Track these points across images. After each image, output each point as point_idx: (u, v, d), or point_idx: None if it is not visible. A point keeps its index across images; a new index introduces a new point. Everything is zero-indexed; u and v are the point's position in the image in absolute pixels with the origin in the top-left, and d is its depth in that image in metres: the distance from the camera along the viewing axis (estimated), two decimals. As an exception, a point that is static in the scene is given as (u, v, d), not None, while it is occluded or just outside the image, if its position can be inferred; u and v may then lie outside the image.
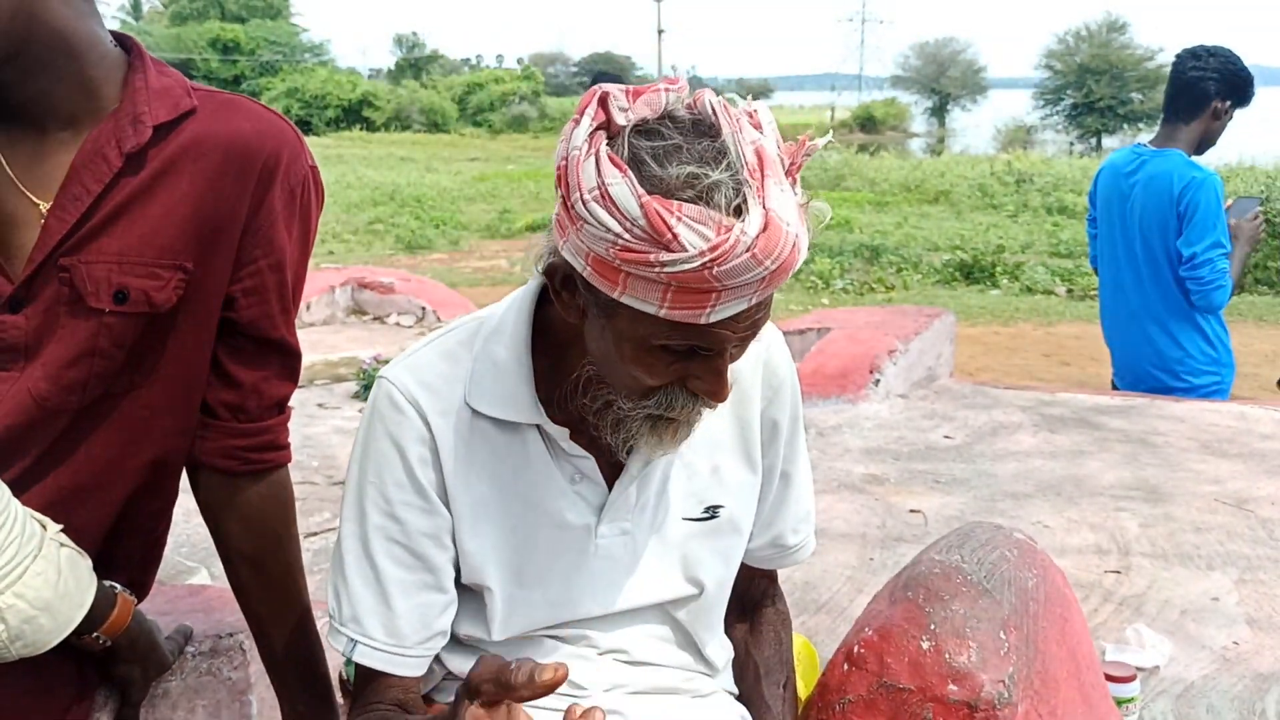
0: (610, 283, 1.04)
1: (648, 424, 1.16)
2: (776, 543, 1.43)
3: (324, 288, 6.51)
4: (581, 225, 1.02)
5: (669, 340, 1.07)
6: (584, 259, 1.04)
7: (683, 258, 0.98)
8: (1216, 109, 3.68)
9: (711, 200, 0.99)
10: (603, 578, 1.30)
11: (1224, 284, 3.62)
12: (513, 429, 1.24)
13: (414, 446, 1.22)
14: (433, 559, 1.25)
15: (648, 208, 0.98)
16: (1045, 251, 13.17)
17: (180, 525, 1.57)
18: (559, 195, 1.06)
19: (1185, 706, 2.13)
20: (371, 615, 1.24)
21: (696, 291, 1.01)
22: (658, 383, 1.12)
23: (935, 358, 4.59)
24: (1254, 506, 3.18)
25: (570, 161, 1.03)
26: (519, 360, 1.23)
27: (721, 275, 0.99)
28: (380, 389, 1.24)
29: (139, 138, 1.26)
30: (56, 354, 1.27)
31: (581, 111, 1.05)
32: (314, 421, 4.38)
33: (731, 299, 1.02)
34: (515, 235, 15.25)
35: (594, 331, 1.13)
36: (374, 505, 1.24)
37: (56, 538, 1.24)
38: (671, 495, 1.31)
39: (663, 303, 1.02)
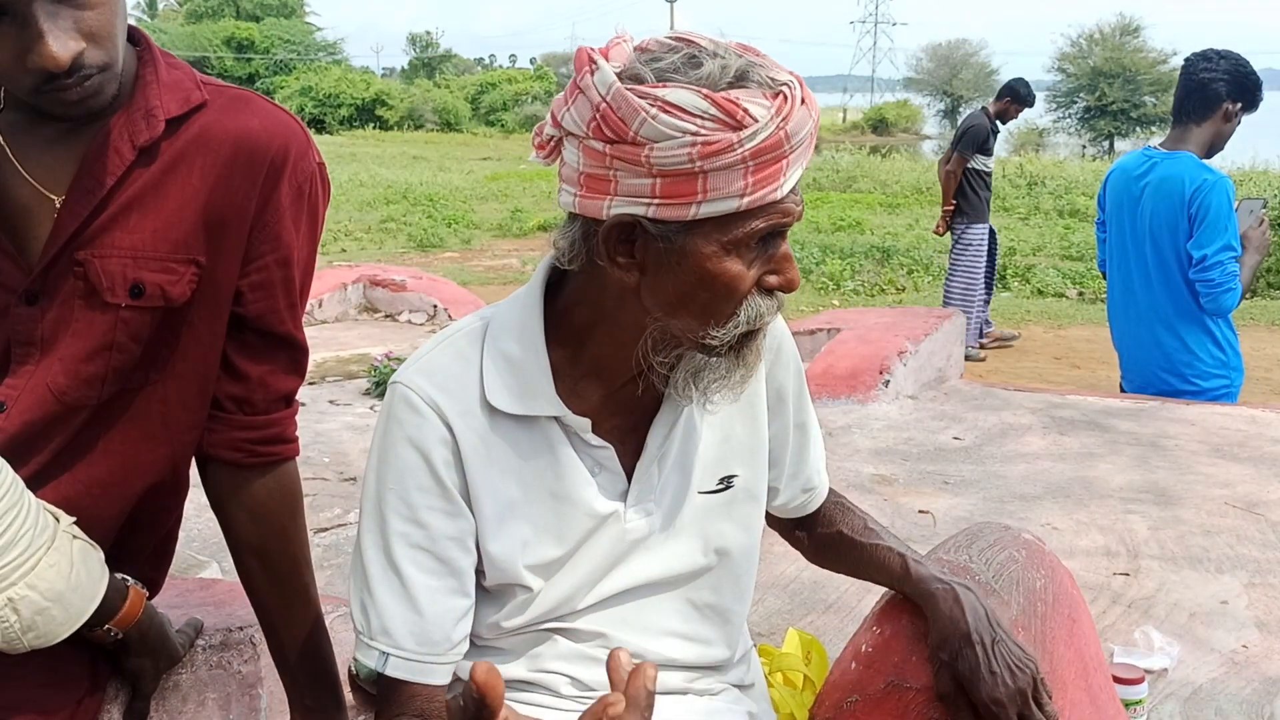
0: (686, 198, 1.09)
1: (733, 355, 1.19)
2: (805, 488, 1.49)
3: (336, 285, 6.53)
4: (649, 149, 1.07)
5: (750, 229, 1.12)
6: (649, 194, 1.09)
7: (758, 128, 1.07)
8: (1227, 111, 3.67)
9: (748, 80, 1.09)
10: (634, 560, 1.31)
11: (1234, 287, 3.61)
12: (531, 424, 1.24)
13: (437, 449, 1.21)
14: (457, 563, 1.24)
15: (711, 98, 1.06)
16: (1057, 254, 13.13)
17: (191, 519, 1.58)
18: (599, 152, 1.10)
19: (1193, 709, 2.12)
20: (401, 625, 1.23)
21: (772, 161, 1.09)
22: (744, 289, 1.15)
23: (945, 359, 4.59)
24: (1264, 510, 3.17)
25: (613, 99, 1.08)
26: (536, 353, 1.23)
27: (791, 133, 1.09)
28: (396, 394, 1.23)
29: (151, 131, 1.26)
30: (74, 348, 1.28)
31: (581, 70, 1.11)
32: (325, 418, 4.39)
33: (796, 161, 1.11)
34: (527, 234, 15.26)
35: (661, 280, 1.15)
36: (395, 512, 1.22)
37: (69, 530, 1.25)
38: (687, 471, 1.32)
39: (745, 188, 1.09)
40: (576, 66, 1.11)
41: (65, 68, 1.15)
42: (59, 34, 1.14)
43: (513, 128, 45.42)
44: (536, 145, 1.21)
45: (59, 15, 1.15)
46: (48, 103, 1.19)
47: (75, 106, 1.20)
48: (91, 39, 1.17)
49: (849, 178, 20.96)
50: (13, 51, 1.15)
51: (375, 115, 46.55)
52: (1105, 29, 46.01)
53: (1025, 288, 11.25)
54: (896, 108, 53.43)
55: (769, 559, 2.84)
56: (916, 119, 53.05)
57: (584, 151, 1.12)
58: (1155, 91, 42.37)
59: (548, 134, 1.18)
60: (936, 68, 57.36)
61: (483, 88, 49.84)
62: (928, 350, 4.41)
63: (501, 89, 48.74)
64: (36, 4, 1.13)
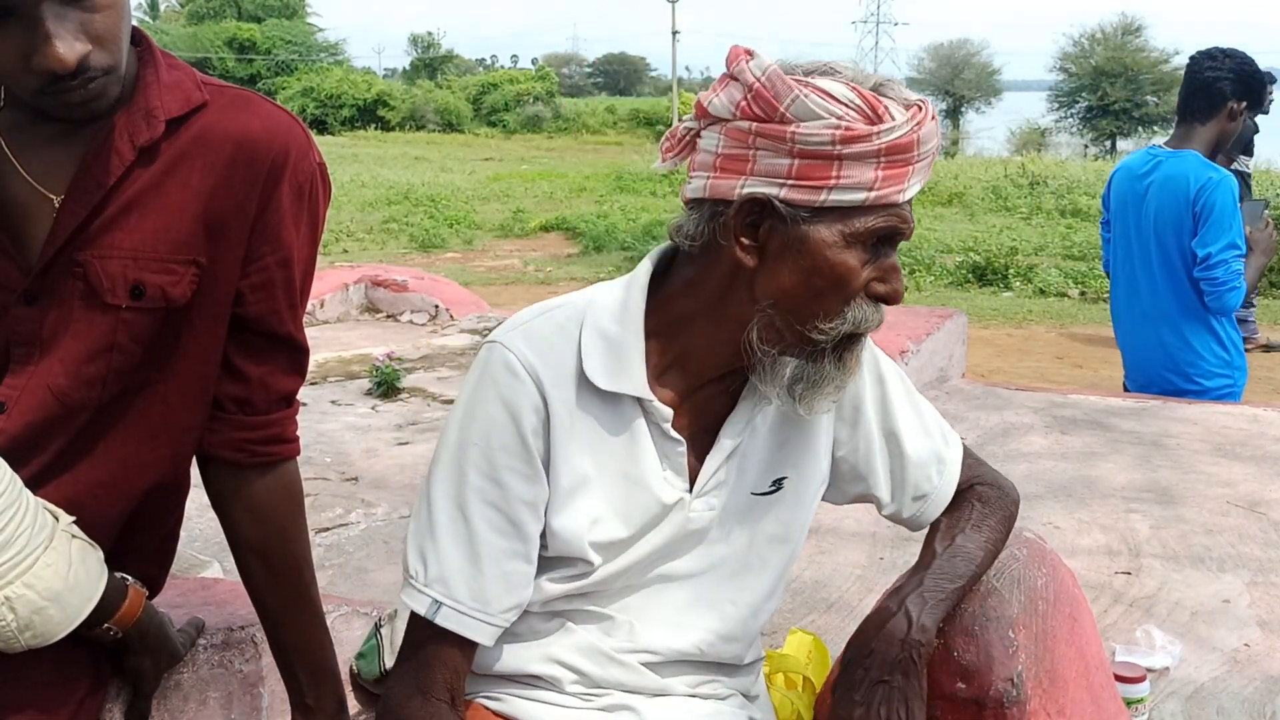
0: (820, 182, 1.16)
1: (835, 357, 1.23)
2: (916, 495, 1.44)
3: (338, 285, 6.53)
4: (794, 128, 1.15)
5: (869, 226, 1.18)
6: (785, 174, 1.16)
7: (895, 125, 1.15)
8: (1232, 110, 3.66)
9: (885, 91, 1.19)
10: (687, 552, 1.33)
11: (1238, 285, 3.60)
12: (617, 405, 1.27)
13: (528, 415, 1.23)
14: (527, 528, 1.25)
15: (858, 90, 1.16)
16: (1059, 254, 13.12)
17: (193, 519, 1.58)
18: (744, 131, 1.17)
19: (1195, 708, 2.12)
20: (459, 577, 1.23)
21: (901, 162, 1.17)
22: (854, 285, 1.20)
23: (947, 358, 4.58)
24: (1266, 509, 3.16)
25: (768, 79, 1.16)
26: (635, 335, 1.26)
27: (922, 139, 1.17)
28: (494, 354, 1.24)
29: (152, 132, 1.26)
30: (74, 349, 1.28)
31: (737, 58, 1.18)
32: (327, 418, 4.40)
33: (920, 170, 1.19)
34: (529, 235, 15.26)
35: (778, 266, 1.20)
36: (476, 468, 1.23)
37: (68, 529, 1.25)
38: (746, 472, 1.34)
39: (875, 181, 1.16)
40: (730, 59, 1.19)
41: (72, 70, 1.15)
42: (65, 36, 1.14)
43: (514, 128, 45.43)
44: (666, 148, 1.27)
45: (66, 17, 1.15)
46: (51, 104, 1.19)
47: (79, 108, 1.20)
48: (97, 41, 1.17)
49: (851, 178, 20.92)
50: (18, 52, 1.15)
51: (377, 116, 46.57)
52: (1107, 28, 45.95)
53: (1028, 287, 11.25)
54: (899, 108, 53.28)
55: (771, 558, 2.84)
56: (919, 119, 52.89)
57: (726, 134, 1.19)
58: (1157, 91, 42.29)
59: (685, 127, 1.25)
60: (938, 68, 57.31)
61: (484, 88, 49.83)
62: (929, 350, 4.41)
63: (503, 89, 48.72)
64: (44, 5, 1.13)
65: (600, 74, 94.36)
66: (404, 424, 4.37)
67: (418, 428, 4.30)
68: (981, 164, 23.85)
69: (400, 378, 4.86)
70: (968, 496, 1.46)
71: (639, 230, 14.40)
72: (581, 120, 45.98)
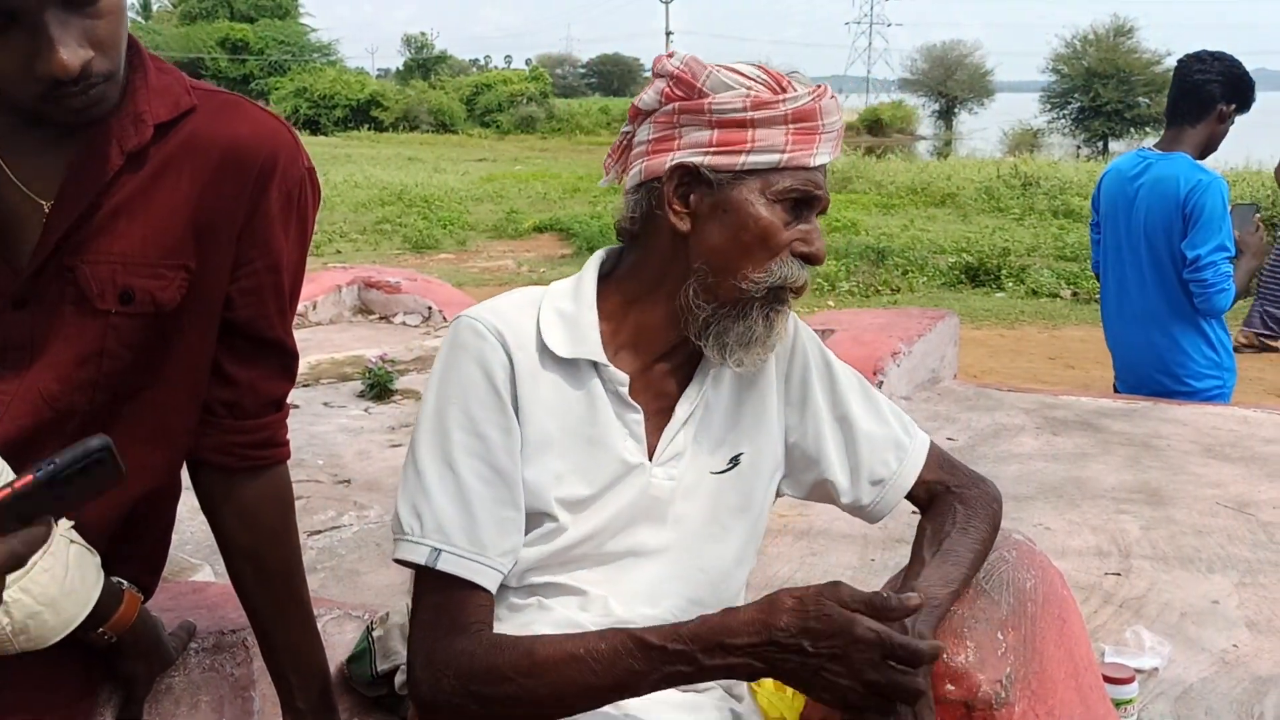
0: (738, 146, 1.30)
1: (763, 310, 1.34)
2: (873, 480, 1.49)
3: (330, 287, 6.52)
4: (710, 100, 1.30)
5: (785, 190, 1.32)
6: (708, 143, 1.31)
7: (798, 95, 1.31)
8: (1221, 112, 3.68)
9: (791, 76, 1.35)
10: (652, 524, 1.38)
11: (1227, 288, 3.62)
12: (576, 372, 1.36)
13: (498, 370, 1.32)
14: (511, 475, 1.32)
15: (763, 69, 1.34)
16: (1051, 255, 13.14)
17: (184, 522, 1.58)
18: (669, 113, 1.33)
19: (1184, 709, 2.13)
20: (455, 525, 1.29)
21: (808, 130, 1.31)
22: (777, 239, 1.32)
23: (939, 359, 4.59)
24: (1255, 510, 3.18)
25: (687, 66, 1.33)
26: (589, 310, 1.38)
27: (824, 110, 1.32)
28: (462, 324, 1.34)
29: (140, 137, 1.26)
30: (65, 354, 1.27)
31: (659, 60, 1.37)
32: (319, 420, 4.39)
33: (827, 141, 1.33)
34: (522, 236, 15.25)
35: (709, 227, 1.33)
36: (456, 424, 1.31)
37: (67, 534, 1.25)
38: (703, 452, 1.42)
39: (785, 144, 1.30)
40: (654, 63, 1.38)
41: (75, 76, 1.15)
42: (69, 42, 1.14)
43: (508, 129, 45.40)
44: (608, 162, 1.44)
45: (69, 24, 1.15)
46: (52, 110, 1.19)
47: (79, 114, 1.20)
48: (99, 47, 1.17)
49: (844, 178, 20.96)
50: (20, 58, 1.14)
51: (370, 116, 46.51)
52: (1099, 30, 46.02)
53: (1020, 288, 11.26)
54: (891, 109, 53.47)
55: (762, 560, 2.84)
56: (911, 120, 53.07)
57: (654, 122, 1.35)
58: (1149, 92, 42.36)
59: (621, 133, 1.42)
60: (931, 69, 57.38)
61: (478, 89, 49.81)
62: (921, 351, 4.42)
63: (497, 90, 48.71)
64: (48, 12, 1.13)
65: (594, 75, 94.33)
66: (397, 426, 4.37)
67: (410, 430, 4.30)
68: (974, 165, 23.84)
69: (393, 380, 4.85)
70: (947, 499, 1.48)
71: (632, 231, 14.35)
72: (575, 121, 45.97)
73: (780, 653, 1.13)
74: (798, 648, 1.12)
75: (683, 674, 1.18)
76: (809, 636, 1.12)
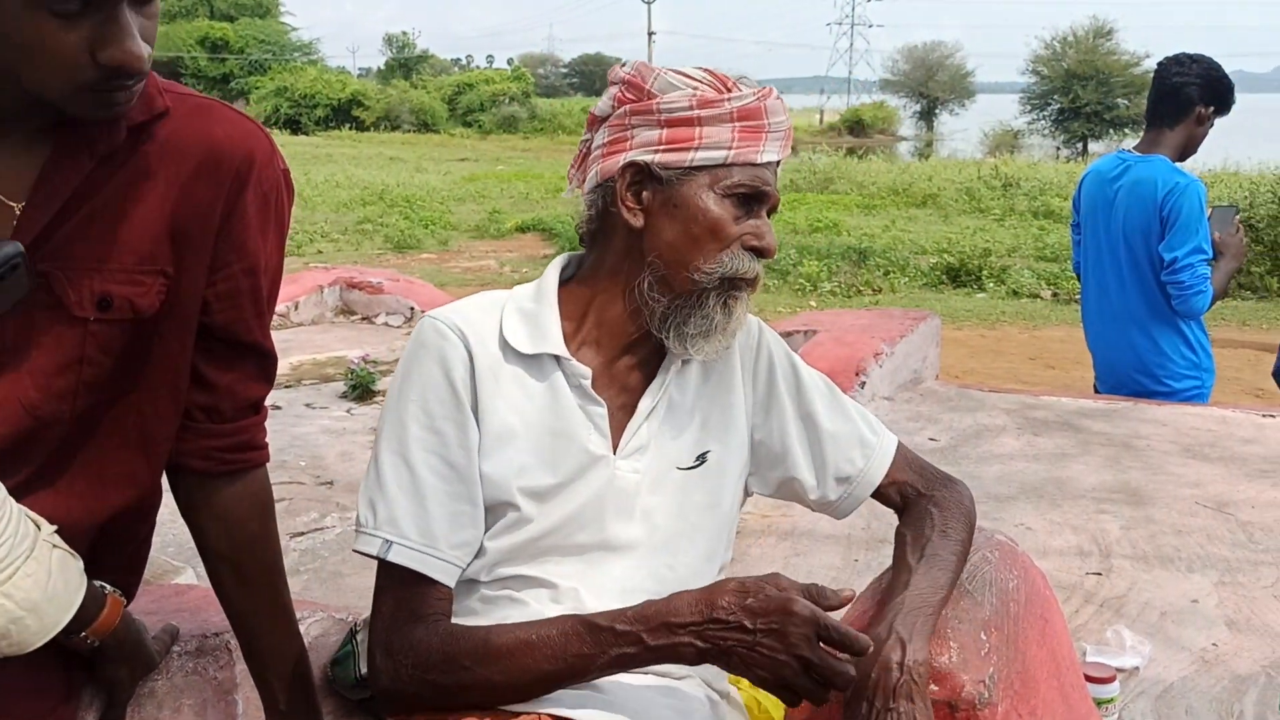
0: (686, 143, 1.36)
1: (719, 299, 1.38)
2: (839, 477, 1.52)
3: (312, 287, 6.49)
4: (659, 100, 1.36)
5: (734, 185, 1.37)
6: (657, 141, 1.36)
7: (742, 95, 1.37)
8: (1200, 114, 3.70)
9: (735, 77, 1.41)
10: (620, 508, 1.40)
11: (1204, 289, 3.64)
12: (539, 367, 1.39)
13: (457, 367, 1.36)
14: (466, 471, 1.35)
15: (709, 71, 1.40)
16: (1031, 255, 13.21)
17: (166, 525, 1.57)
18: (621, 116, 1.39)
19: (1165, 707, 2.15)
20: (407, 517, 1.33)
21: (754, 128, 1.37)
22: (727, 232, 1.37)
23: (921, 360, 4.61)
24: (1234, 510, 3.20)
25: (637, 71, 1.40)
26: (550, 308, 1.42)
27: (769, 110, 1.38)
28: (425, 325, 1.39)
29: (113, 139, 1.25)
30: (43, 362, 1.26)
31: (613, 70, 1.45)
32: (301, 421, 4.38)
33: (773, 143, 1.38)
34: (505, 236, 15.23)
35: (661, 222, 1.38)
36: (415, 420, 1.35)
37: (50, 539, 1.24)
38: (668, 448, 1.44)
39: (731, 141, 1.36)
40: (609, 72, 1.45)
41: (141, 69, 1.15)
42: (137, 36, 1.15)
43: (490, 128, 45.34)
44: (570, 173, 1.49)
45: (134, 19, 1.15)
46: (86, 102, 1.17)
47: (114, 109, 1.19)
48: (147, 45, 1.17)
49: (826, 179, 21.03)
50: (85, 44, 1.13)
51: (351, 116, 46.37)
52: (1079, 32, 46.31)
53: (1000, 289, 11.32)
54: (873, 109, 53.67)
55: (745, 561, 2.85)
56: (893, 121, 53.27)
57: (609, 126, 1.41)
58: (1128, 94, 42.64)
59: (581, 142, 1.48)
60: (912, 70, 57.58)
61: (460, 88, 49.73)
62: (903, 352, 4.43)
63: (479, 89, 48.64)
64: (124, 3, 1.13)
65: (576, 74, 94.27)
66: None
67: (393, 431, 4.28)
68: (955, 166, 23.98)
69: (375, 380, 4.84)
70: (921, 503, 1.50)
71: (614, 231, 14.35)
72: (557, 121, 45.93)
73: (722, 630, 1.20)
74: (738, 624, 1.19)
75: (630, 655, 1.24)
76: (748, 614, 1.19)
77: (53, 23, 1.11)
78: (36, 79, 1.15)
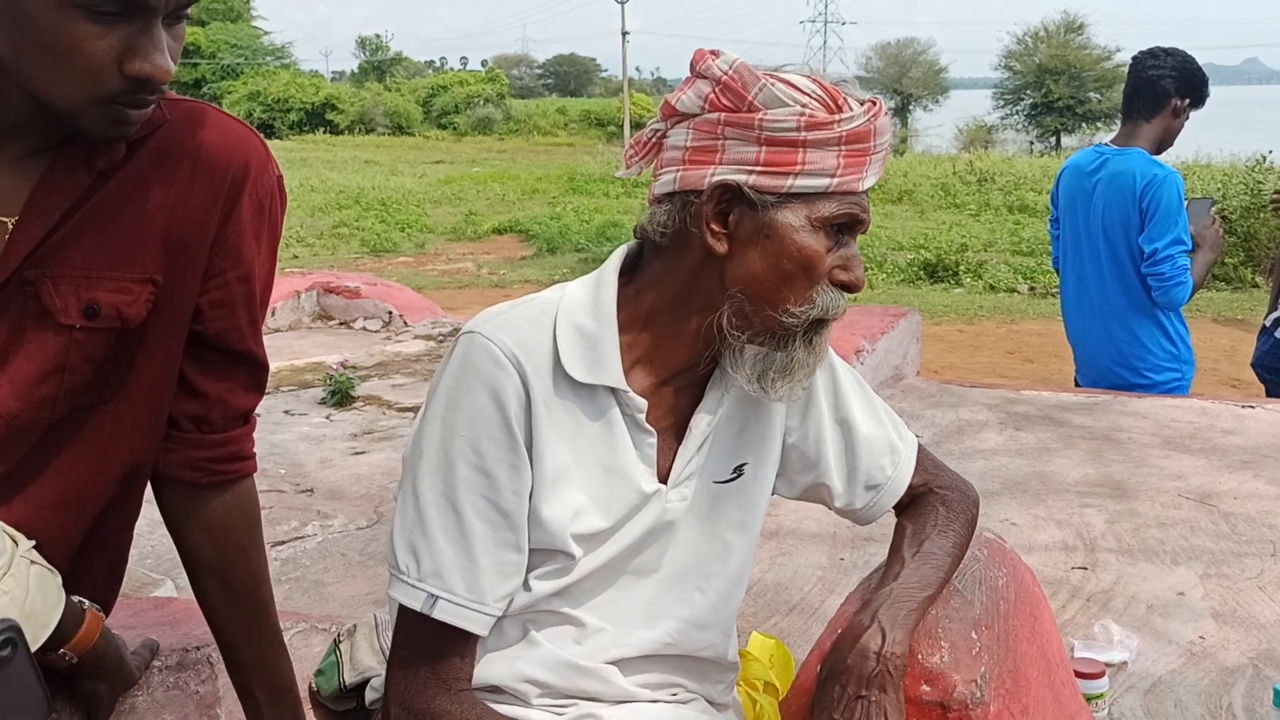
0: (786, 168, 1.21)
1: (805, 340, 1.27)
2: (868, 485, 1.45)
3: (289, 293, 6.46)
4: (761, 115, 1.20)
5: (831, 215, 1.24)
6: (754, 161, 1.21)
7: (854, 114, 1.22)
8: (1176, 107, 3.72)
9: (843, 85, 1.25)
10: (664, 537, 1.34)
11: (1185, 280, 3.66)
12: (593, 397, 1.28)
13: (512, 401, 1.23)
14: (517, 517, 1.25)
15: (818, 82, 1.23)
16: (1007, 250, 13.29)
17: (145, 537, 1.55)
18: (713, 122, 1.23)
19: (1153, 701, 2.15)
20: (454, 570, 1.23)
21: (860, 151, 1.23)
22: (820, 268, 1.25)
23: (902, 357, 4.62)
24: (1216, 501, 3.22)
25: (736, 71, 1.22)
26: (609, 329, 1.28)
27: (879, 130, 1.23)
28: (475, 344, 1.25)
29: (113, 155, 1.23)
30: (25, 370, 1.24)
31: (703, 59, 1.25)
32: (280, 429, 4.34)
33: (876, 162, 1.25)
34: (481, 237, 15.19)
35: (748, 252, 1.24)
36: (464, 459, 1.23)
37: (27, 554, 1.22)
38: (710, 462, 1.36)
39: (837, 168, 1.22)
40: (696, 59, 1.26)
41: (165, 83, 1.15)
42: (166, 51, 1.14)
43: (465, 130, 45.22)
44: (631, 154, 1.32)
45: (165, 34, 1.15)
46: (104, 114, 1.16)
47: (125, 127, 1.18)
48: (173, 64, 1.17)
49: (802, 177, 21.04)
50: (114, 53, 1.12)
51: (325, 119, 46.15)
52: (1050, 26, 46.57)
53: (978, 283, 11.38)
54: (848, 106, 53.68)
55: (731, 561, 2.84)
56: (867, 117, 53.32)
57: (694, 128, 1.24)
58: (1100, 88, 42.94)
59: (650, 129, 1.31)
60: (886, 66, 57.82)
61: (434, 90, 49.58)
62: (884, 348, 4.44)
63: (453, 91, 48.50)
64: (160, 18, 1.13)
65: (550, 75, 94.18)
66: (359, 433, 4.33)
67: (373, 436, 4.26)
68: (930, 161, 24.11)
69: (354, 386, 4.81)
70: (930, 500, 1.47)
71: (592, 231, 14.39)
72: (533, 122, 45.87)
73: None
74: None
75: None
76: None
77: (87, 26, 1.10)
78: (57, 85, 1.14)
